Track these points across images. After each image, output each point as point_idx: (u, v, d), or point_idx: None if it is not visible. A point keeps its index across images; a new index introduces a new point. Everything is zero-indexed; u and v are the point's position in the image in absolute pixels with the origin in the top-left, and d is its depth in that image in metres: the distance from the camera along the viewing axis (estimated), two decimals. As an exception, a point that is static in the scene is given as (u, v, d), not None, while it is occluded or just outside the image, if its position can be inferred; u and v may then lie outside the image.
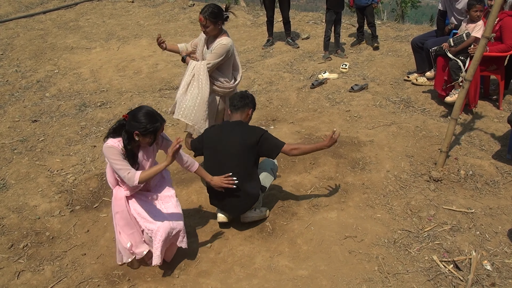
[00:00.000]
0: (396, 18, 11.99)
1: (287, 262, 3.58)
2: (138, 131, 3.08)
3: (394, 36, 8.37)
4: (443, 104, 5.70)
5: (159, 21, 9.89)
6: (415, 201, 4.10)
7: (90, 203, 4.44)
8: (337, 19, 7.38)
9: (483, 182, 4.32)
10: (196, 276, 3.49)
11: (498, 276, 3.29)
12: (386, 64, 7.04)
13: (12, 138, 5.63)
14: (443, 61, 5.51)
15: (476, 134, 5.09)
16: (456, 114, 4.32)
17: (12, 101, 6.67)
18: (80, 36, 9.34)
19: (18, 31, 9.59)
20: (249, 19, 9.95)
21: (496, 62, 5.41)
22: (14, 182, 4.75)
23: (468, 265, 3.38)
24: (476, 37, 5.20)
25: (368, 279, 3.34)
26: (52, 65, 7.89)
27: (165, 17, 10.27)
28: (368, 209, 4.08)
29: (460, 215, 3.91)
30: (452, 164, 4.53)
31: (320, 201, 4.24)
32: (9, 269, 3.65)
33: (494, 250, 3.53)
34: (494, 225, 3.78)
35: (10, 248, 3.88)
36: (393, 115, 5.57)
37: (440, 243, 3.62)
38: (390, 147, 4.88)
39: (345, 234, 3.78)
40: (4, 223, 4.14)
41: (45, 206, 4.34)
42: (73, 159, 5.09)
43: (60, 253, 3.83)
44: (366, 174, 4.52)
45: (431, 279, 3.31)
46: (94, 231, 4.07)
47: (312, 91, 6.34)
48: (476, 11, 5.22)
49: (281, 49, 8.11)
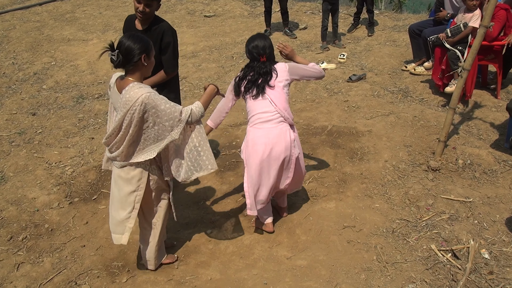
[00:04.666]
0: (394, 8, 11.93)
1: (286, 252, 3.58)
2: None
3: (392, 26, 8.33)
4: (441, 94, 5.69)
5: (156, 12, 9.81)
6: (413, 190, 4.10)
7: (88, 195, 4.43)
8: (333, 9, 7.35)
9: (481, 171, 4.32)
10: (195, 267, 3.50)
11: (496, 264, 3.31)
12: (384, 54, 7.02)
13: (10, 130, 5.60)
14: (440, 52, 5.50)
15: (474, 123, 5.09)
16: (454, 104, 4.32)
17: (9, 93, 6.63)
18: (76, 28, 9.27)
19: (14, 23, 9.52)
20: (246, 9, 9.89)
21: (494, 51, 5.40)
22: (12, 174, 4.74)
23: (466, 254, 3.39)
24: (474, 27, 5.18)
25: (366, 269, 3.35)
26: (49, 57, 7.85)
27: (161, 8, 10.18)
28: (367, 199, 4.08)
29: (458, 204, 3.91)
30: (450, 154, 4.53)
31: (319, 191, 4.24)
32: (9, 261, 3.65)
33: (492, 239, 3.54)
34: (492, 214, 3.79)
35: (10, 241, 3.88)
36: (391, 105, 5.56)
37: (438, 232, 3.63)
38: (388, 137, 4.88)
39: (343, 224, 3.79)
40: (3, 215, 4.14)
41: (44, 199, 4.33)
42: (71, 151, 5.07)
43: (59, 245, 3.83)
44: (365, 164, 4.52)
45: (429, 268, 3.32)
46: (93, 223, 4.07)
47: (309, 82, 6.32)
48: (472, 0, 5.19)
49: (279, 40, 8.07)
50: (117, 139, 2.87)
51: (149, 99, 2.73)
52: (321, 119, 5.36)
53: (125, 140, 2.85)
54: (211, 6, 10.24)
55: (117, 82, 2.94)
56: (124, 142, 2.86)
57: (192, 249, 3.68)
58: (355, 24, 8.24)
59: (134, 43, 2.78)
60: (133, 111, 2.74)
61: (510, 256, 3.38)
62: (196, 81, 6.66)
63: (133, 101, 2.72)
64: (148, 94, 2.74)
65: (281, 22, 8.31)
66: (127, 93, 2.76)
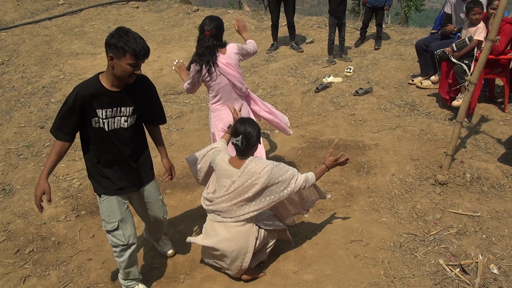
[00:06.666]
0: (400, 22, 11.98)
1: (293, 266, 3.57)
2: None
3: (398, 40, 8.36)
4: (447, 108, 5.68)
5: (163, 27, 9.92)
6: (421, 204, 4.08)
7: (95, 208, 4.45)
8: (340, 24, 7.40)
9: (489, 185, 4.30)
10: (201, 281, 3.48)
11: (505, 279, 3.27)
12: (390, 67, 7.04)
13: (18, 143, 5.65)
14: (447, 66, 5.51)
15: (481, 137, 5.07)
16: (461, 117, 4.31)
17: (18, 107, 6.70)
18: (85, 42, 9.39)
19: (24, 37, 9.65)
20: (253, 23, 9.96)
21: (500, 65, 5.40)
22: (20, 187, 4.77)
23: (474, 269, 3.36)
24: (479, 40, 5.20)
25: (374, 283, 3.33)
26: (58, 71, 7.94)
27: (169, 22, 10.30)
28: (374, 213, 4.07)
29: (466, 219, 3.89)
30: (457, 167, 4.52)
31: (325, 205, 4.23)
32: (15, 274, 3.66)
33: (501, 254, 3.51)
34: (500, 228, 3.76)
35: (16, 254, 3.89)
36: (398, 119, 5.56)
37: (446, 247, 3.61)
38: (395, 150, 4.87)
39: (350, 238, 3.77)
40: (10, 228, 4.16)
41: (51, 211, 4.35)
42: (78, 164, 5.10)
43: (65, 258, 3.84)
44: (371, 178, 4.51)
45: (437, 283, 3.29)
46: (100, 236, 4.08)
47: (316, 95, 6.35)
48: (475, 14, 5.22)
49: (286, 53, 8.13)
50: None
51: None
52: (327, 133, 5.36)
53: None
54: (218, 20, 10.34)
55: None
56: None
57: (198, 263, 3.67)
58: (362, 38, 8.29)
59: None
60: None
61: (519, 271, 3.35)
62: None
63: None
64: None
65: (288, 36, 8.37)
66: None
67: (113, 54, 2.74)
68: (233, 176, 3.17)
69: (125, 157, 3.07)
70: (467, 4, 5.31)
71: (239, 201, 3.15)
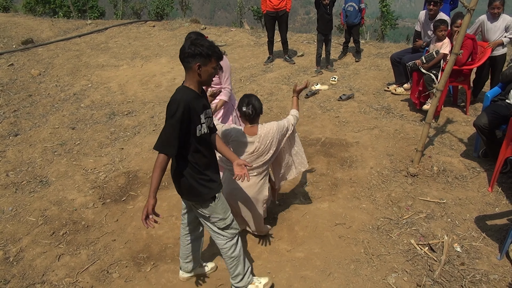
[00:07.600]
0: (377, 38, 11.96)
1: (286, 245, 3.57)
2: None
3: (376, 53, 8.35)
4: (418, 111, 5.68)
5: (176, 43, 9.89)
6: (395, 193, 4.08)
7: (118, 197, 4.44)
8: (327, 40, 7.38)
9: (453, 176, 4.30)
10: (207, 259, 3.48)
11: (467, 256, 3.27)
12: (369, 77, 7.02)
13: (53, 142, 5.64)
14: (417, 75, 5.50)
15: (447, 135, 5.07)
16: (429, 119, 4.31)
17: (52, 111, 6.68)
18: (109, 56, 9.35)
19: (58, 52, 9.62)
20: (252, 39, 9.95)
21: (463, 74, 5.39)
22: (54, 179, 4.77)
23: (441, 248, 3.37)
24: (444, 53, 5.19)
25: (355, 260, 3.33)
26: (86, 80, 7.91)
27: (181, 39, 10.25)
28: (355, 200, 4.07)
29: (433, 205, 3.89)
30: (426, 162, 4.51)
31: (314, 193, 4.23)
32: (51, 253, 3.66)
33: (463, 235, 3.51)
34: (463, 213, 3.76)
35: (52, 235, 3.89)
36: (375, 120, 5.55)
37: (416, 229, 3.61)
38: (373, 147, 4.87)
39: (335, 222, 3.77)
40: (47, 214, 4.15)
41: (81, 200, 4.35)
42: (104, 160, 5.10)
43: (93, 239, 3.84)
44: (353, 170, 4.51)
45: (409, 259, 3.29)
46: (122, 220, 4.07)
47: (306, 100, 6.33)
48: (441, 31, 5.22)
49: (280, 65, 8.11)
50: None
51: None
52: (315, 132, 5.35)
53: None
54: (222, 37, 10.31)
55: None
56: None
57: (205, 242, 3.67)
58: (344, 52, 8.28)
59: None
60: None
61: (479, 249, 3.35)
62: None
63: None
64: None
65: (282, 50, 8.36)
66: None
67: (201, 63, 2.50)
68: (254, 142, 3.24)
69: (215, 155, 2.83)
70: (435, 23, 5.30)
71: (260, 159, 3.26)
